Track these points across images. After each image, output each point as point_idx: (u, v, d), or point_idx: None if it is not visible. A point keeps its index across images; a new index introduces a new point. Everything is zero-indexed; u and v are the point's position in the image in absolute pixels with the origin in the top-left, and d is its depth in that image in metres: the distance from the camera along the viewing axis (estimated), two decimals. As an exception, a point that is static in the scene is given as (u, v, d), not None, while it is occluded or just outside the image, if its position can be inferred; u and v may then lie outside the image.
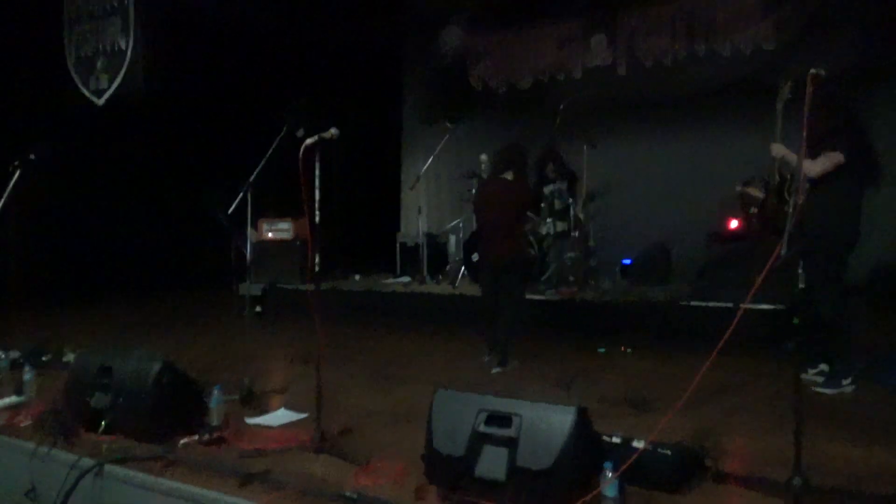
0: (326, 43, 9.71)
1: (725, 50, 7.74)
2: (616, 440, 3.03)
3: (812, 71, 2.92)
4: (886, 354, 5.05)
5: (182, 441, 3.51)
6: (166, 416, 3.59)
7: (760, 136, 7.19)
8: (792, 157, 4.14)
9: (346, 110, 9.23)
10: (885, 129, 7.25)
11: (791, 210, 2.90)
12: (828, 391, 4.33)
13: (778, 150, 4.35)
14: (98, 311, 8.23)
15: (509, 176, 5.37)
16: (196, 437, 3.53)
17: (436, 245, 8.64)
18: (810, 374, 4.51)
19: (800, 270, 3.46)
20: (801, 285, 3.41)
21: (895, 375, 4.52)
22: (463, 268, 7.55)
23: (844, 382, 4.34)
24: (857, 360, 4.46)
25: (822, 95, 3.10)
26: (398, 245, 8.86)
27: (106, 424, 3.61)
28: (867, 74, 6.93)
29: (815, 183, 4.14)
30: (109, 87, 7.97)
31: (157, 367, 3.60)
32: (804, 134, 2.89)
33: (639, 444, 2.90)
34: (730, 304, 5.35)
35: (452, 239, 8.60)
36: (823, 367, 4.53)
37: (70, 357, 5.10)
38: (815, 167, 4.11)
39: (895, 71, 7.23)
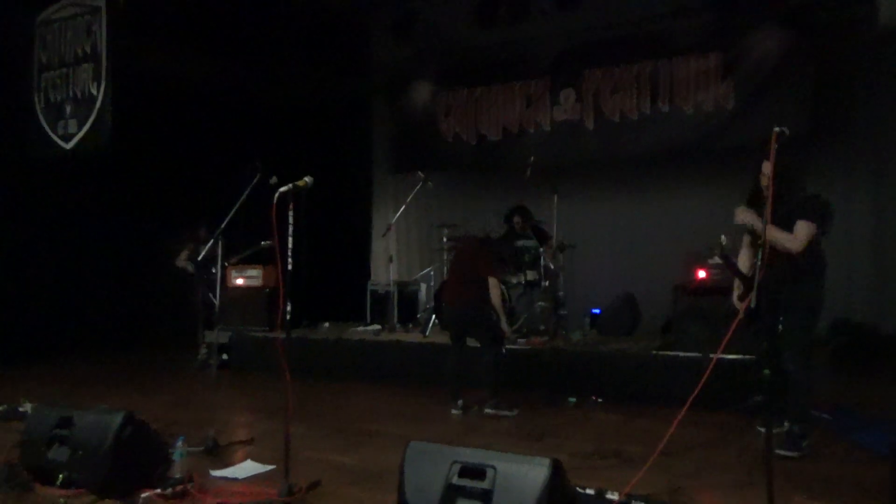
0: (298, 92, 9.81)
1: (688, 108, 8.00)
2: (590, 493, 3.02)
3: (776, 129, 3.02)
4: (847, 409, 5.13)
5: (144, 495, 3.39)
6: (127, 469, 3.47)
7: (723, 191, 7.51)
8: (758, 222, 4.06)
9: (317, 158, 9.31)
10: (835, 184, 7.57)
11: (759, 264, 2.97)
12: (791, 454, 4.14)
13: (744, 216, 4.25)
14: (59, 364, 7.95)
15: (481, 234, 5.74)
16: (158, 490, 3.42)
17: (406, 293, 8.61)
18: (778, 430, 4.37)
19: (780, 326, 3.52)
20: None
21: (856, 430, 4.58)
22: (433, 316, 7.53)
23: (804, 444, 4.21)
24: (816, 418, 4.40)
25: (779, 162, 3.17)
26: (368, 293, 8.81)
27: (64, 479, 3.48)
28: (817, 132, 7.23)
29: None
30: (78, 132, 7.90)
31: (118, 419, 3.50)
32: (770, 195, 2.96)
33: (613, 497, 2.89)
34: (699, 355, 5.40)
35: (423, 287, 8.60)
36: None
37: (27, 407, 4.93)
38: (795, 243, 4.05)
39: (840, 129, 7.55)
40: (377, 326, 8.19)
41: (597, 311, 7.62)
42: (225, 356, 7.66)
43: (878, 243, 7.66)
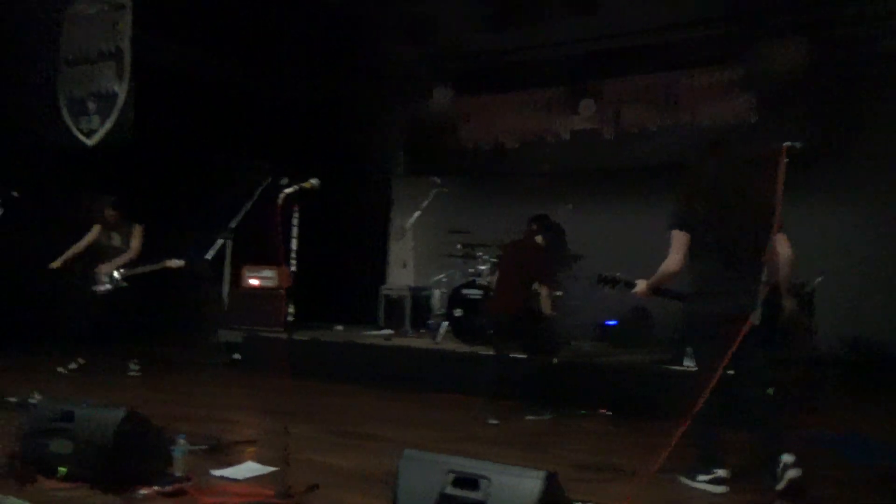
0: (319, 94, 9.86)
1: (705, 121, 7.94)
2: (586, 507, 2.98)
3: (786, 143, 2.98)
4: (853, 432, 5.00)
5: (142, 492, 3.40)
6: (128, 465, 3.48)
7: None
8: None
9: (334, 159, 9.35)
10: (845, 201, 7.48)
11: (764, 281, 2.93)
12: (685, 480, 3.73)
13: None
14: (71, 357, 7.97)
15: (539, 240, 5.72)
16: (156, 487, 3.42)
17: (420, 299, 8.59)
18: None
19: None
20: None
21: (858, 451, 4.47)
22: (446, 323, 7.49)
23: (700, 478, 3.70)
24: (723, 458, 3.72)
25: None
26: (382, 297, 8.81)
27: (65, 472, 3.50)
28: (829, 148, 7.09)
29: None
30: (101, 128, 8.00)
31: (120, 414, 3.52)
32: (777, 212, 2.93)
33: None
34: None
35: (436, 293, 8.56)
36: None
37: (37, 399, 4.97)
38: (669, 261, 4.01)
39: (851, 146, 7.40)
40: (389, 331, 8.18)
41: (612, 322, 7.55)
42: (237, 356, 7.69)
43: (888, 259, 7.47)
